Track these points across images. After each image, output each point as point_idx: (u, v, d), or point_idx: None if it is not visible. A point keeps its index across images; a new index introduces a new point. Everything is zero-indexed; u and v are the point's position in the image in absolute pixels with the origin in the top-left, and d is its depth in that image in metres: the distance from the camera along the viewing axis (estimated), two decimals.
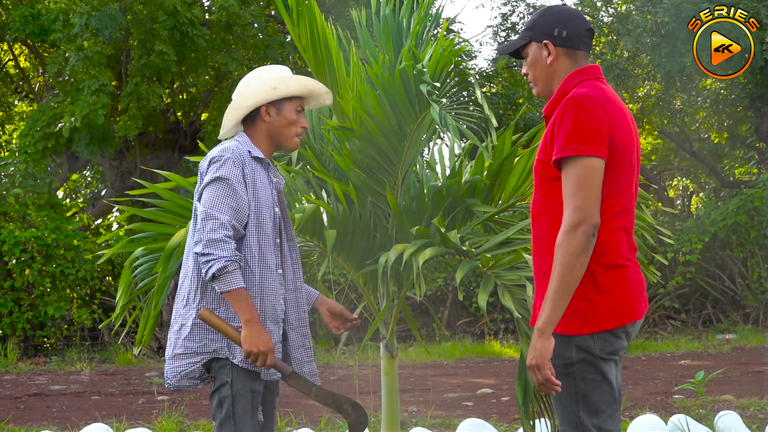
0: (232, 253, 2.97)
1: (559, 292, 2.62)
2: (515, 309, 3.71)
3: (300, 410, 7.06)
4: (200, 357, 3.08)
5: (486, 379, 9.16)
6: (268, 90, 3.20)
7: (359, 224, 4.38)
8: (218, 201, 3.03)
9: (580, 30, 2.86)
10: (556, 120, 2.72)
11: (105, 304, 12.32)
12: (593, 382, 2.71)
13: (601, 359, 2.71)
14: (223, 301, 3.06)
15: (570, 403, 2.72)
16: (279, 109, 3.23)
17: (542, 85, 2.91)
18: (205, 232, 2.99)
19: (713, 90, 14.96)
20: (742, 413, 6.40)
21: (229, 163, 3.08)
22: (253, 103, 3.21)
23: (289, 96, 3.24)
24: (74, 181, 16.47)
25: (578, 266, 2.61)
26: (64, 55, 11.90)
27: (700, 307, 13.36)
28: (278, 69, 3.32)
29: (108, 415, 7.15)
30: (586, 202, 2.62)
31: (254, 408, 3.06)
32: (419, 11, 4.64)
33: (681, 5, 11.55)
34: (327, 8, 12.42)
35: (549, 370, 2.63)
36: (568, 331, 2.70)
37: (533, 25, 2.90)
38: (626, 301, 2.73)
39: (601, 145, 2.65)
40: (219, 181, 3.05)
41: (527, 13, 15.78)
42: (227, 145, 3.16)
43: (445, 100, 3.98)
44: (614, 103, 2.76)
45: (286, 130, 3.24)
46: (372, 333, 4.25)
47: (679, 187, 18.96)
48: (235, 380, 3.04)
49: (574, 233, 2.61)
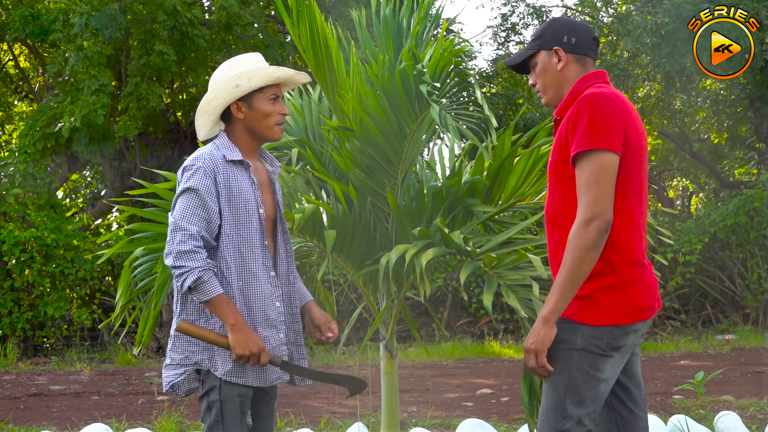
0: (204, 262, 2.92)
1: (566, 284, 2.67)
2: (521, 309, 3.70)
3: (300, 410, 7.06)
4: (184, 369, 3.05)
5: (486, 379, 9.15)
6: (231, 89, 3.10)
7: (359, 224, 4.37)
8: (188, 212, 2.97)
9: (587, 38, 2.92)
10: (571, 118, 2.75)
11: (105, 304, 12.32)
12: (587, 375, 2.75)
13: (601, 354, 2.75)
14: (203, 311, 3.02)
15: (559, 388, 2.77)
16: (250, 103, 3.12)
17: (552, 91, 2.93)
18: (175, 244, 2.93)
19: (713, 90, 14.96)
20: (741, 414, 6.40)
21: (199, 173, 3.00)
22: (220, 105, 3.12)
23: (255, 89, 3.13)
24: (74, 181, 16.46)
25: (588, 260, 2.66)
26: (63, 55, 11.90)
27: (700, 308, 13.37)
28: (241, 62, 3.20)
29: (108, 415, 7.15)
30: (599, 197, 2.66)
31: (243, 412, 3.04)
32: (419, 11, 4.64)
33: (681, 6, 11.54)
34: (327, 8, 12.41)
35: (545, 356, 2.71)
36: (581, 319, 2.75)
37: (541, 34, 2.95)
38: (642, 299, 2.77)
39: (616, 140, 2.69)
40: (189, 192, 2.99)
41: (527, 14, 15.78)
42: (200, 152, 3.07)
43: (445, 101, 3.98)
44: (626, 101, 2.81)
45: (263, 123, 3.14)
46: (372, 333, 4.25)
47: (678, 187, 18.96)
48: (224, 385, 3.01)
49: (587, 227, 2.65)
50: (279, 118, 3.16)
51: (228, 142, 3.13)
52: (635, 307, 2.76)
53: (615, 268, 2.73)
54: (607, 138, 2.68)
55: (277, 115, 3.15)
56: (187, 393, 3.11)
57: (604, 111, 2.70)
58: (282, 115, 3.17)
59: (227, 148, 3.10)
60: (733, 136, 15.90)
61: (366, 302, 4.72)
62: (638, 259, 2.78)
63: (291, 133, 4.82)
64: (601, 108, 2.71)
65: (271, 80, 3.14)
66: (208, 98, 3.13)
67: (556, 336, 2.72)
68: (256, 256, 3.06)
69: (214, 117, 3.16)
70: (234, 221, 3.03)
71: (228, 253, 3.02)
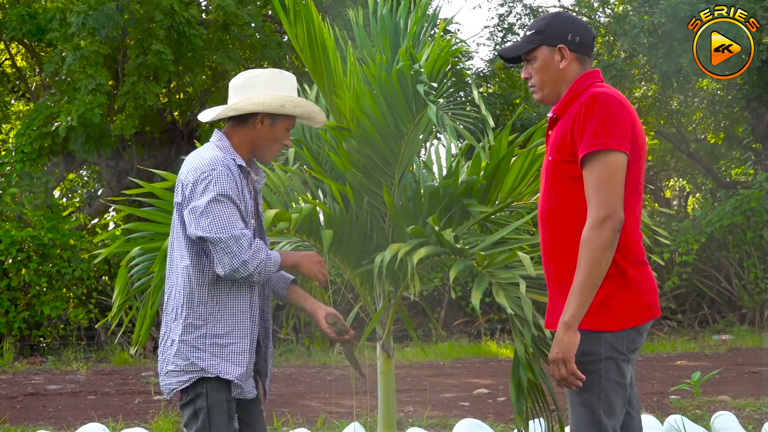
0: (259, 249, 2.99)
1: (586, 287, 2.63)
2: (509, 306, 3.71)
3: (296, 410, 7.06)
4: (189, 376, 3.02)
5: (482, 379, 9.16)
6: (276, 105, 3.09)
7: (356, 224, 4.37)
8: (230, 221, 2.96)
9: (589, 37, 2.89)
10: (577, 118, 2.71)
11: (101, 304, 12.31)
12: (615, 383, 2.72)
13: (624, 359, 2.72)
14: (210, 317, 3.02)
15: (592, 401, 2.71)
16: (273, 122, 3.13)
17: (549, 89, 2.89)
18: (237, 259, 2.95)
19: (710, 91, 14.98)
20: (738, 414, 6.41)
21: (222, 176, 2.98)
22: (254, 109, 3.10)
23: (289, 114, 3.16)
24: (71, 181, 16.45)
25: (604, 261, 2.62)
26: (60, 54, 11.89)
27: (697, 308, 13.38)
28: (287, 80, 3.20)
29: (104, 415, 7.15)
30: (611, 196, 2.64)
31: (230, 417, 3.03)
32: (416, 11, 4.64)
33: (678, 6, 11.56)
34: (324, 8, 12.41)
35: (574, 363, 2.63)
36: (599, 327, 2.71)
37: (544, 28, 2.87)
38: (650, 298, 2.77)
39: (625, 141, 2.68)
40: (220, 199, 2.97)
41: (524, 14, 15.80)
42: (211, 156, 3.03)
43: (442, 101, 3.98)
44: (629, 103, 2.79)
45: (270, 145, 3.15)
46: (369, 333, 4.25)
47: (675, 187, 18.98)
48: (210, 392, 3.00)
49: (601, 228, 2.62)
50: (281, 148, 3.20)
51: (230, 146, 3.11)
52: (645, 306, 2.75)
53: (622, 270, 2.71)
54: (617, 138, 2.66)
55: (282, 144, 3.18)
56: (191, 399, 3.07)
57: (613, 111, 2.68)
58: (285, 145, 3.20)
59: (233, 154, 3.09)
60: (729, 137, 15.92)
61: (363, 302, 4.72)
62: (642, 258, 2.78)
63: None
64: (610, 108, 2.69)
65: (307, 114, 3.22)
66: (253, 101, 3.10)
67: (579, 350, 2.66)
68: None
69: (238, 110, 3.11)
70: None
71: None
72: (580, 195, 2.71)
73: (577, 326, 2.64)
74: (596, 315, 2.69)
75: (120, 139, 12.92)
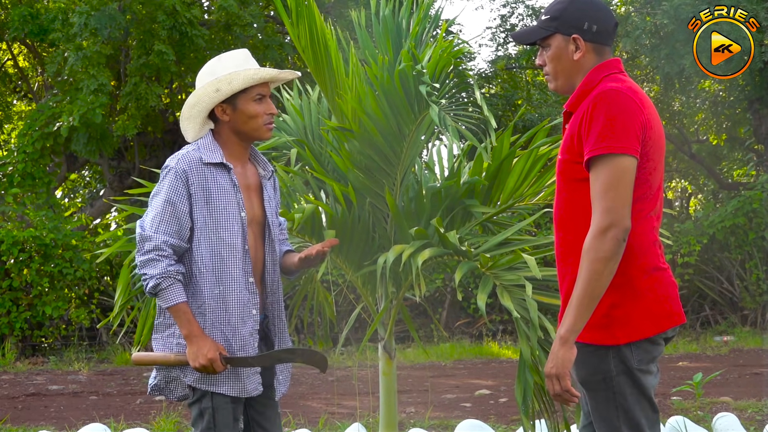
0: (163, 270, 2.90)
1: (584, 299, 2.45)
2: (514, 309, 3.70)
3: (298, 411, 7.06)
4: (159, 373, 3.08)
5: (484, 380, 9.15)
6: (211, 94, 3.01)
7: (358, 225, 4.38)
8: (156, 219, 2.94)
9: (609, 25, 2.65)
10: (585, 117, 2.53)
11: (103, 304, 12.30)
12: (632, 396, 2.53)
13: (640, 371, 2.54)
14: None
15: (611, 417, 2.55)
16: (234, 105, 3.03)
17: (563, 80, 2.68)
18: (139, 254, 2.94)
19: (712, 92, 14.97)
20: (740, 415, 6.40)
21: (170, 175, 2.96)
22: (202, 109, 3.05)
23: (238, 91, 3.03)
24: (73, 181, 16.46)
25: (606, 273, 2.45)
26: (63, 54, 11.90)
27: (699, 309, 13.37)
28: (224, 62, 3.07)
29: (106, 415, 7.15)
30: (616, 204, 2.45)
31: (235, 418, 3.02)
32: (419, 12, 4.65)
33: (680, 7, 11.56)
34: (326, 9, 12.42)
35: (569, 380, 2.47)
36: (605, 341, 2.53)
37: (559, 15, 2.65)
38: (665, 307, 2.56)
39: (634, 143, 2.48)
40: (159, 197, 2.97)
41: (526, 15, 15.80)
42: (178, 153, 3.03)
43: (444, 101, 3.98)
44: (644, 96, 2.59)
45: (249, 124, 3.05)
46: (370, 334, 4.25)
47: (677, 188, 18.98)
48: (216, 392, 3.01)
49: (603, 237, 2.44)
50: (266, 118, 3.06)
51: (210, 143, 3.06)
52: (660, 315, 2.55)
53: (630, 278, 2.52)
54: (624, 140, 2.46)
55: (264, 116, 3.06)
56: (181, 397, 3.08)
57: (621, 110, 2.48)
58: (269, 114, 3.07)
59: (207, 150, 3.04)
60: (731, 138, 15.92)
61: (365, 303, 4.72)
62: (657, 264, 2.58)
63: (290, 134, 4.82)
64: (618, 106, 2.48)
65: (252, 82, 3.03)
66: (191, 102, 3.06)
67: (588, 367, 2.52)
68: (237, 260, 3.00)
69: (199, 120, 3.08)
70: (213, 224, 2.98)
71: (201, 256, 2.98)
72: (589, 197, 2.53)
73: (573, 340, 2.46)
74: (601, 329, 2.52)
75: (122, 140, 12.92)
